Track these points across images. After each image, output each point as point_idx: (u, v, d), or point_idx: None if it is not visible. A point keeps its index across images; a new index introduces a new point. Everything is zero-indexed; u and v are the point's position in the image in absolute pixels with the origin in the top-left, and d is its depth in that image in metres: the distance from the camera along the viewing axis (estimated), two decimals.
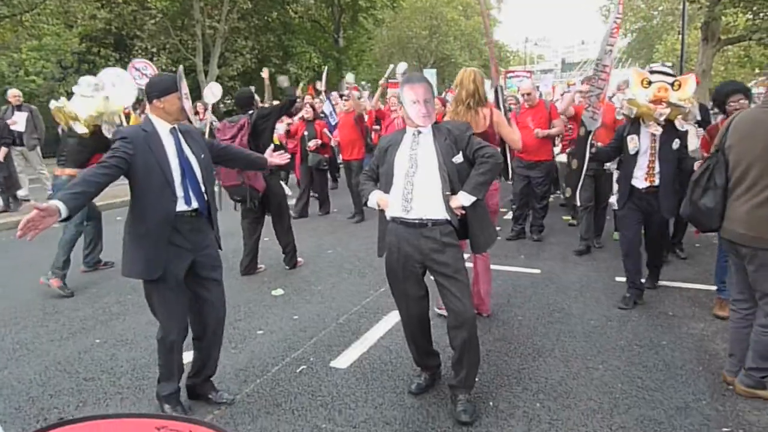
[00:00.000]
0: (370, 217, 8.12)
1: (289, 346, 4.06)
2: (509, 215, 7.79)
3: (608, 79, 4.74)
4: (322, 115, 9.82)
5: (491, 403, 3.21)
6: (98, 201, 6.00)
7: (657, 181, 4.42)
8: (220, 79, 21.67)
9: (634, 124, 4.53)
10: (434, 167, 3.01)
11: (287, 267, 6.04)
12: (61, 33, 21.01)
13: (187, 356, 3.27)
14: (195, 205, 3.01)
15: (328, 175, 9.83)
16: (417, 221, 3.04)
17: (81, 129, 5.32)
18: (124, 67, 23.49)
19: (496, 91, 4.56)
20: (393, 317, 4.44)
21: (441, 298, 3.14)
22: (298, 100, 6.88)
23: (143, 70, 11.39)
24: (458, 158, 3.05)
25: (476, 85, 3.97)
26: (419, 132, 3.11)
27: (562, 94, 10.07)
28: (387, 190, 3.13)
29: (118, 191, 11.74)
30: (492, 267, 5.86)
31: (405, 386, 3.40)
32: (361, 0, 26.88)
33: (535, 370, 3.61)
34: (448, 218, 3.02)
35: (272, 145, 4.72)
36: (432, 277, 3.13)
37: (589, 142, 4.75)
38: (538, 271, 5.79)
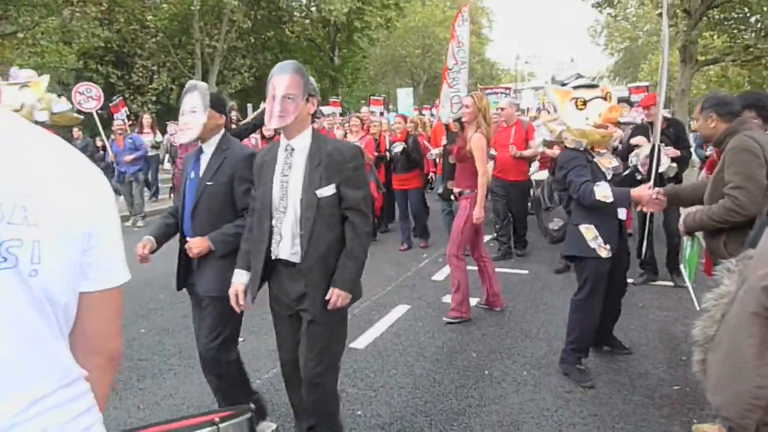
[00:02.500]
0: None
1: None
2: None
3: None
4: None
5: (486, 372, 3.87)
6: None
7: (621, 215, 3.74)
8: None
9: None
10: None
11: None
12: (61, 50, 21.58)
13: None
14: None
15: None
16: (285, 261, 2.57)
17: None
18: (126, 84, 24.08)
19: None
20: (398, 310, 5.13)
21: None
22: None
23: (87, 92, 11.23)
24: (326, 191, 2.45)
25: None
26: (293, 149, 2.52)
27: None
28: (260, 224, 2.58)
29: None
30: None
31: (413, 360, 4.06)
32: (356, 20, 27.77)
33: (523, 348, 4.28)
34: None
35: None
36: None
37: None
38: (526, 271, 6.48)
